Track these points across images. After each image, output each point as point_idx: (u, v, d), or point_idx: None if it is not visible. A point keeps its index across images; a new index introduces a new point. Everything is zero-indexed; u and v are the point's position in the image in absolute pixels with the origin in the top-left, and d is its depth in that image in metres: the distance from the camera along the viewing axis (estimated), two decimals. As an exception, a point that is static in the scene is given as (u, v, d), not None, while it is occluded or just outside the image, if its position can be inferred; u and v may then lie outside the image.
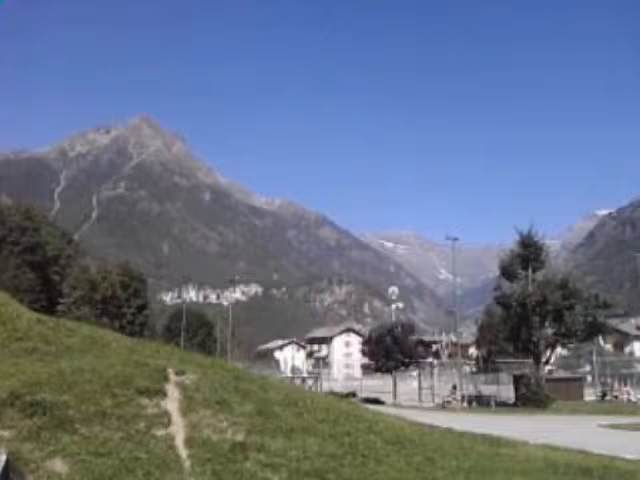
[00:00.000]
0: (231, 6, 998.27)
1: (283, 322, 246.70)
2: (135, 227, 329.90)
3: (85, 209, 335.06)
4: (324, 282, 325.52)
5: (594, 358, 48.32)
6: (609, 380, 47.67)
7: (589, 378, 49.77)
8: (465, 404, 35.31)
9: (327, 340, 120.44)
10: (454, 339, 62.61)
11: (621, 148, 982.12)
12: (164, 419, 7.56)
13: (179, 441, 7.19)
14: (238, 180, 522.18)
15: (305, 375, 69.00)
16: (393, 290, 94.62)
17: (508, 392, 35.96)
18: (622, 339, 67.43)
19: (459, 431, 12.91)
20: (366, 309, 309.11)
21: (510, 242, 41.23)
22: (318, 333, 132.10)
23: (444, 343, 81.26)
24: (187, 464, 6.75)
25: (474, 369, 63.75)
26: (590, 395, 43.13)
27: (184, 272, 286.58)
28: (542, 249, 37.78)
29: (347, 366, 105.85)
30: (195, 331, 70.31)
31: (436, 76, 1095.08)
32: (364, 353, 48.94)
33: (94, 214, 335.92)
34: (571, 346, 43.52)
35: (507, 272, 37.85)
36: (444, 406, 35.03)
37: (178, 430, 7.43)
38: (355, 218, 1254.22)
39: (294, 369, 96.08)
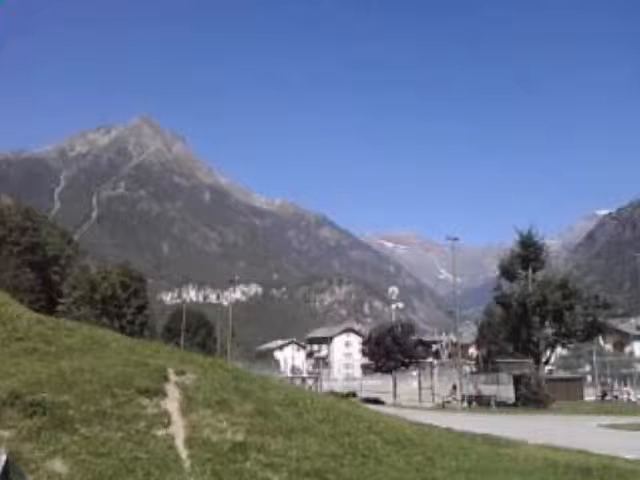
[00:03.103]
0: (231, 6, 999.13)
1: (283, 322, 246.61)
2: (135, 227, 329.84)
3: (85, 209, 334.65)
4: (324, 282, 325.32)
5: (594, 358, 48.30)
6: (609, 380, 47.65)
7: (589, 378, 49.73)
8: (465, 404, 35.31)
9: (327, 340, 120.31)
10: (454, 339, 62.62)
11: (621, 148, 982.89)
12: (164, 419, 7.56)
13: (179, 441, 7.19)
14: (238, 180, 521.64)
15: (305, 375, 69.06)
16: (393, 290, 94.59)
17: (508, 392, 35.95)
18: (622, 339, 67.28)
19: (459, 431, 12.94)
20: (366, 309, 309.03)
21: (510, 242, 41.33)
22: (318, 333, 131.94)
23: (444, 343, 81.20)
24: (187, 464, 6.75)
25: (474, 369, 63.75)
26: (590, 395, 43.11)
27: (184, 272, 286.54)
28: (542, 249, 37.84)
29: (347, 366, 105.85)
30: (195, 331, 70.31)
31: (436, 76, 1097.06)
32: (364, 353, 48.96)
33: (94, 214, 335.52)
34: (571, 346, 43.46)
35: (507, 272, 37.88)
36: (444, 406, 35.05)
37: (178, 430, 7.42)
38: (355, 218, 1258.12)
39: (294, 369, 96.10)
